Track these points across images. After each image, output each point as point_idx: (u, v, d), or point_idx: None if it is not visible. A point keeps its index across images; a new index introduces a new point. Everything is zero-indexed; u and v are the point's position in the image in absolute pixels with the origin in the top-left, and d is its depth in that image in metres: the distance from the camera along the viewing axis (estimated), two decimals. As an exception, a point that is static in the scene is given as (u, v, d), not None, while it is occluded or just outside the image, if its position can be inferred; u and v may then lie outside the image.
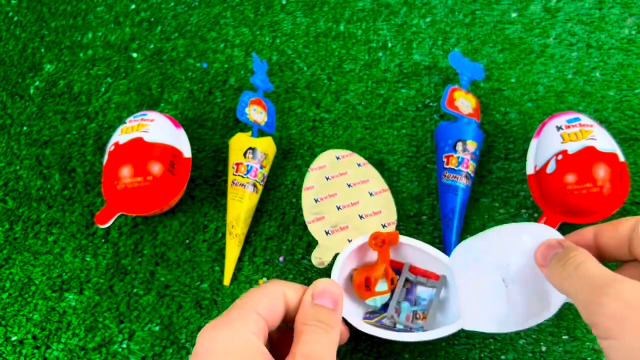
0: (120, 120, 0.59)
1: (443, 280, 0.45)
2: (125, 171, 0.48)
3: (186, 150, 0.52)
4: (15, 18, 0.67)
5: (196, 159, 0.56)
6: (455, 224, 0.49)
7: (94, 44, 0.64)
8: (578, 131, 0.48)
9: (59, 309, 0.50)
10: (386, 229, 0.48)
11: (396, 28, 0.63)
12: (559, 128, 0.49)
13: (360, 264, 0.45)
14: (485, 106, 0.57)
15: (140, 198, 0.49)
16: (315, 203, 0.50)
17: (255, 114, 0.53)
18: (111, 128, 0.59)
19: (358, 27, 0.63)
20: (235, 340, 0.28)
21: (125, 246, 0.52)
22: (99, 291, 0.50)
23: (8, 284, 0.51)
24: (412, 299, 0.45)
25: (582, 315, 0.29)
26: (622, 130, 0.54)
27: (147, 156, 0.49)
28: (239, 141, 0.52)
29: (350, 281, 0.45)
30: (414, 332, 0.42)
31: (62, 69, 0.63)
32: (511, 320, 0.39)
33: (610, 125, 0.55)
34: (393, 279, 0.44)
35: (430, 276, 0.45)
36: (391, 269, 0.44)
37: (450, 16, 0.63)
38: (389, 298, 0.44)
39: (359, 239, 0.44)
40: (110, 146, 0.51)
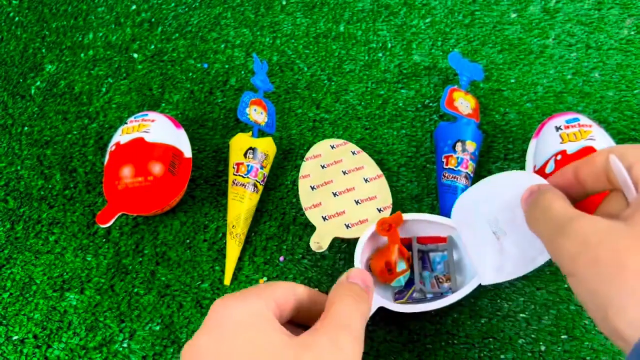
0: (121, 120, 0.59)
1: (451, 240, 0.47)
2: (126, 171, 0.49)
3: (187, 151, 0.52)
4: (17, 18, 0.67)
5: (197, 159, 0.56)
6: (455, 223, 0.50)
7: (95, 44, 0.64)
8: (577, 131, 0.48)
9: (60, 308, 0.50)
10: (382, 213, 0.49)
11: (396, 29, 0.63)
12: (558, 128, 0.49)
13: (373, 251, 0.48)
14: (485, 106, 0.57)
15: (141, 198, 0.49)
16: (311, 191, 0.51)
17: (256, 114, 0.54)
18: (112, 128, 0.59)
19: (358, 28, 0.63)
20: (248, 312, 0.28)
21: (126, 246, 0.53)
22: (100, 291, 0.51)
23: (9, 284, 0.52)
24: (428, 266, 0.48)
25: (550, 255, 0.30)
26: (621, 130, 0.55)
27: (148, 156, 0.49)
28: (240, 141, 0.52)
29: (369, 270, 0.47)
30: (445, 296, 0.44)
31: (63, 69, 0.63)
32: (508, 269, 0.41)
33: (609, 125, 0.55)
34: (409, 257, 0.47)
35: (438, 240, 0.48)
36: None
37: (450, 17, 0.63)
38: (409, 274, 0.47)
39: (368, 230, 0.46)
40: (111, 146, 0.51)
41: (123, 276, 0.51)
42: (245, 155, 0.52)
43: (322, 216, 0.49)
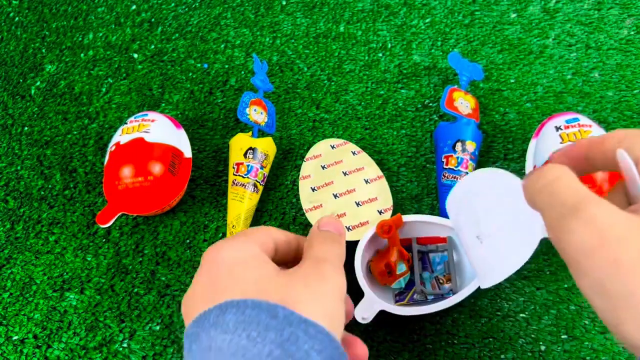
0: (121, 120, 0.59)
1: (450, 241, 0.47)
2: (126, 171, 0.49)
3: (187, 151, 0.52)
4: (17, 19, 0.67)
5: (197, 159, 0.56)
6: (455, 223, 0.50)
7: (95, 44, 0.64)
8: (577, 131, 0.48)
9: (60, 308, 0.50)
10: (382, 215, 0.49)
11: (396, 29, 0.63)
12: (558, 128, 0.49)
13: (373, 253, 0.48)
14: (485, 106, 0.57)
15: (141, 198, 0.49)
16: (312, 192, 0.51)
17: (256, 114, 0.54)
18: (112, 128, 0.59)
19: (358, 28, 0.63)
20: (241, 252, 0.29)
21: (126, 246, 0.53)
22: (100, 291, 0.51)
23: (9, 284, 0.52)
24: (428, 267, 0.48)
25: (550, 235, 0.26)
26: (621, 130, 0.55)
27: (148, 156, 0.49)
28: (240, 141, 0.52)
29: (370, 273, 0.47)
30: (446, 297, 0.45)
31: (63, 69, 0.63)
32: (498, 271, 0.40)
33: (609, 125, 0.55)
34: (409, 259, 0.47)
35: (437, 241, 0.48)
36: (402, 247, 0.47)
37: (450, 17, 0.63)
38: (409, 275, 0.47)
39: (368, 232, 0.47)
40: (111, 146, 0.51)
41: (123, 276, 0.51)
42: (245, 155, 0.52)
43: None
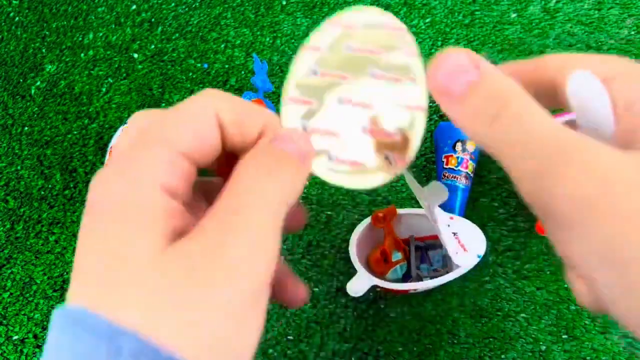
0: (121, 120, 0.59)
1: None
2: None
3: (187, 151, 0.52)
4: (17, 19, 0.67)
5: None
6: (455, 223, 0.50)
7: (95, 44, 0.64)
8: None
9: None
10: (392, 168, 0.26)
11: (396, 29, 0.63)
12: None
13: (372, 246, 0.49)
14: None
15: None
16: (309, 75, 0.28)
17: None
18: (112, 128, 0.59)
19: (358, 28, 0.63)
20: (131, 197, 0.18)
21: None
22: (100, 291, 0.51)
23: (9, 284, 0.52)
24: (427, 261, 0.49)
25: (528, 196, 0.18)
26: (621, 130, 0.55)
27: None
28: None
29: (368, 265, 0.48)
30: (439, 277, 0.46)
31: (63, 69, 0.63)
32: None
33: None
34: (405, 249, 0.48)
35: (436, 238, 0.49)
36: (401, 241, 0.48)
37: (450, 17, 0.63)
38: (407, 267, 0.48)
39: (362, 224, 0.47)
40: (111, 146, 0.51)
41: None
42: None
43: (303, 125, 0.26)
